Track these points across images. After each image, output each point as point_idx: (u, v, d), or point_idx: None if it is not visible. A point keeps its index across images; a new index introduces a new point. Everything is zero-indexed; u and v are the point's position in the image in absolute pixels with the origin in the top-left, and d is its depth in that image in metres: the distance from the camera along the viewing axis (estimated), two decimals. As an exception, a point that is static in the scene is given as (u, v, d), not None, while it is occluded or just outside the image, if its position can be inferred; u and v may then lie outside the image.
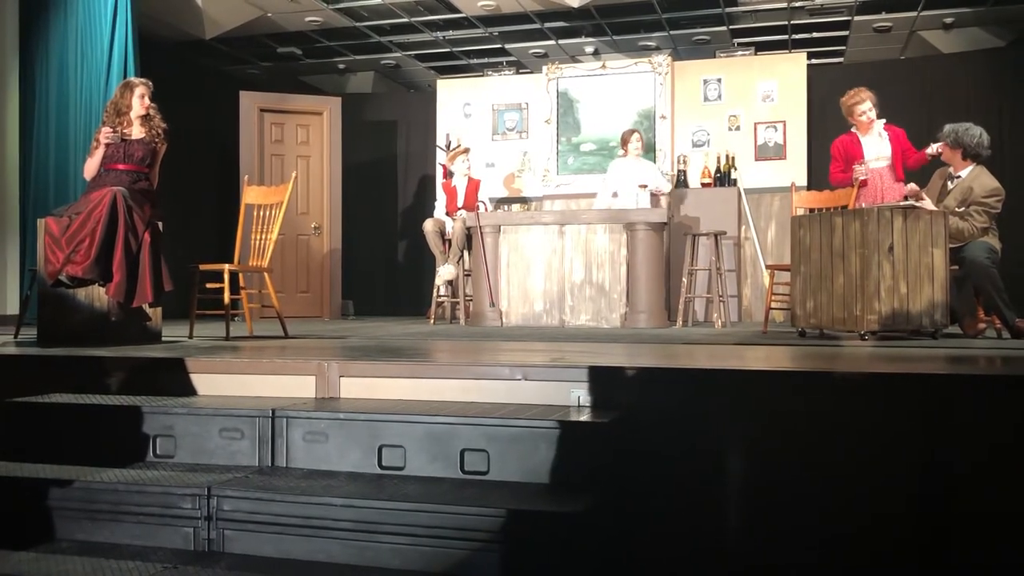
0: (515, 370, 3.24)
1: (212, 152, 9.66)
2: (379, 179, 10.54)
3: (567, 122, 9.05)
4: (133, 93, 5.04)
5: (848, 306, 4.94)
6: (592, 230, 7.07)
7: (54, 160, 6.82)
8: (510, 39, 9.38)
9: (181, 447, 3.16)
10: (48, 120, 6.90)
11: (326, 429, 3.04)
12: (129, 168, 4.91)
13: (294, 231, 9.06)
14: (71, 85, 6.83)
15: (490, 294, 7.20)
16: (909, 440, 2.77)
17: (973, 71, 8.86)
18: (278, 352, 4.11)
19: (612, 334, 5.98)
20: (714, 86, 8.77)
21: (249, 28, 8.81)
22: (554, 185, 9.05)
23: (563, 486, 2.77)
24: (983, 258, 5.07)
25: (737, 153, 8.57)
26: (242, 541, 2.73)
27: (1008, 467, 2.68)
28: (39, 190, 6.84)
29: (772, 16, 8.59)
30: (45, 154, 6.86)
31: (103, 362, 3.74)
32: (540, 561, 2.48)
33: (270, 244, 5.69)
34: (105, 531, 2.83)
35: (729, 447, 2.91)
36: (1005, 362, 3.65)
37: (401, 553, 2.58)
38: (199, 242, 8.83)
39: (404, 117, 10.69)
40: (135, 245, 4.64)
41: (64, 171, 6.77)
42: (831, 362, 3.57)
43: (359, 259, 10.28)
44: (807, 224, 5.40)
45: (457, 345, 4.89)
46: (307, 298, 9.27)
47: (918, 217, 4.88)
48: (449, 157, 8.18)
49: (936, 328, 4.92)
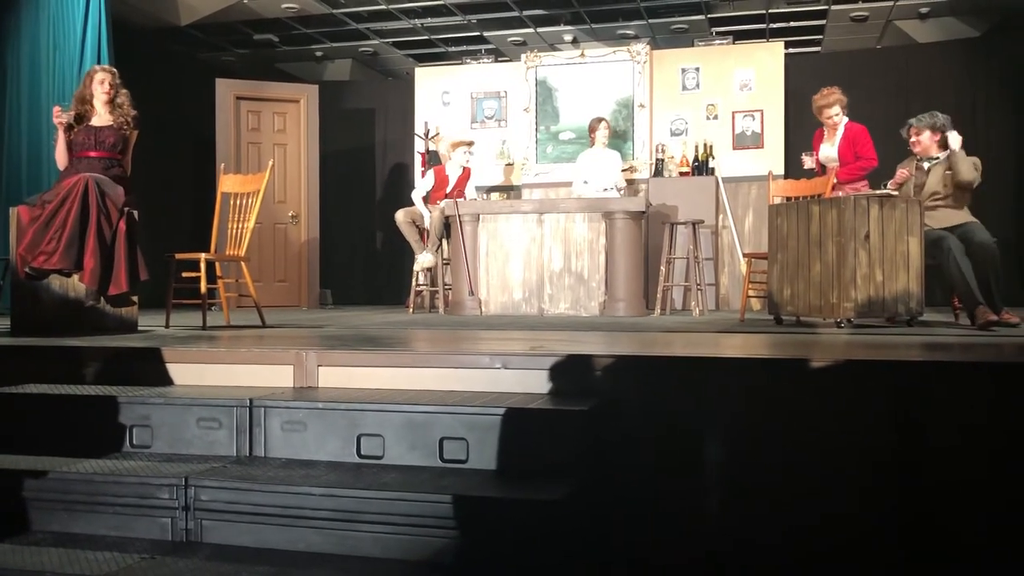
0: (495, 359, 3.25)
1: (188, 140, 9.57)
2: (357, 167, 10.50)
3: (546, 111, 9.04)
4: (93, 79, 5.00)
5: (825, 294, 4.98)
6: (571, 219, 7.07)
7: (27, 149, 6.74)
8: (489, 27, 9.35)
9: (158, 437, 3.14)
10: (20, 108, 6.82)
11: (304, 419, 3.03)
12: (101, 155, 4.87)
13: (271, 220, 9.00)
14: (44, 73, 6.74)
15: (469, 283, 7.19)
16: (885, 425, 2.80)
17: (948, 61, 8.93)
18: (256, 341, 4.09)
19: (591, 322, 6.00)
20: (692, 75, 8.79)
21: (225, 15, 8.73)
22: (533, 174, 9.04)
23: (542, 474, 2.78)
24: (992, 240, 5.05)
25: (715, 142, 8.60)
26: (220, 531, 2.72)
27: (982, 451, 2.71)
28: (11, 179, 6.76)
29: (750, 5, 8.61)
30: (17, 143, 6.78)
31: (79, 352, 3.70)
32: (520, 548, 2.49)
33: (247, 233, 5.65)
34: (81, 522, 2.81)
35: (707, 434, 2.93)
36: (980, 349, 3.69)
37: (380, 542, 2.58)
38: (175, 231, 8.76)
39: (382, 105, 10.64)
40: (109, 231, 4.59)
41: (37, 160, 6.69)
42: (808, 349, 3.60)
43: (337, 248, 10.24)
44: (784, 212, 5.43)
45: (436, 334, 4.88)
46: (285, 287, 9.22)
47: (894, 206, 4.92)
48: (452, 144, 8.08)
49: (911, 315, 4.97)
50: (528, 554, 2.48)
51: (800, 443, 2.85)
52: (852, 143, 6.04)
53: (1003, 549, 2.66)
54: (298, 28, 9.28)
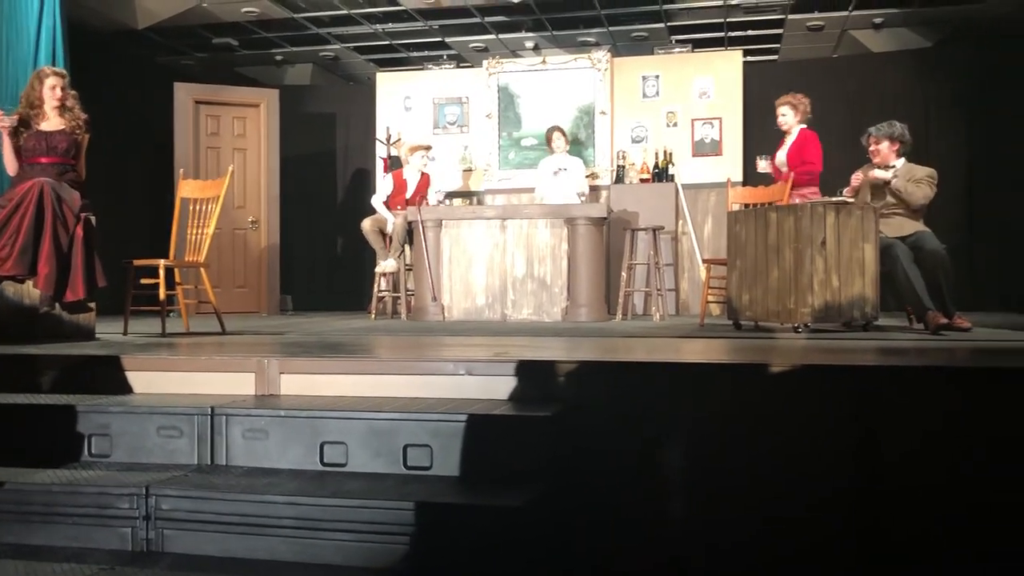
0: (458, 365, 3.25)
1: (146, 145, 9.43)
2: (318, 172, 10.43)
3: (508, 117, 9.07)
4: (44, 84, 4.88)
5: (782, 299, 5.06)
6: (533, 225, 7.10)
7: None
8: (450, 32, 9.36)
9: (117, 446, 3.10)
10: (-31, 110, 6.68)
11: (266, 426, 3.01)
12: (53, 160, 4.78)
13: (231, 225, 8.92)
14: (-4, 76, 6.61)
15: (432, 288, 7.19)
16: (843, 429, 2.86)
17: (901, 70, 9.11)
18: (216, 349, 4.06)
19: (554, 328, 6.02)
20: (652, 83, 8.87)
21: (184, 18, 8.63)
22: (496, 180, 9.06)
23: (506, 480, 2.79)
24: (941, 247, 5.16)
25: (674, 149, 8.69)
26: (182, 541, 2.70)
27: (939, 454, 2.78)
28: (-37, 183, 6.61)
29: (708, 14, 8.71)
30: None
31: (35, 360, 3.64)
32: (483, 555, 2.50)
33: (206, 239, 5.60)
34: (39, 533, 2.76)
35: (670, 438, 2.97)
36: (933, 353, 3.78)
37: (344, 549, 2.58)
38: (132, 237, 8.62)
39: (343, 110, 10.58)
40: (65, 237, 4.53)
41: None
42: (767, 354, 3.66)
43: (297, 253, 10.17)
44: (743, 219, 5.51)
45: (399, 340, 4.88)
46: (244, 293, 9.14)
47: (850, 213, 5.02)
48: (409, 148, 8.08)
49: (867, 320, 5.07)
50: (491, 561, 2.50)
51: (761, 447, 2.90)
52: (799, 148, 6.16)
53: (962, 551, 2.72)
54: (258, 32, 9.21)
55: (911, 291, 5.06)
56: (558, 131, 7.97)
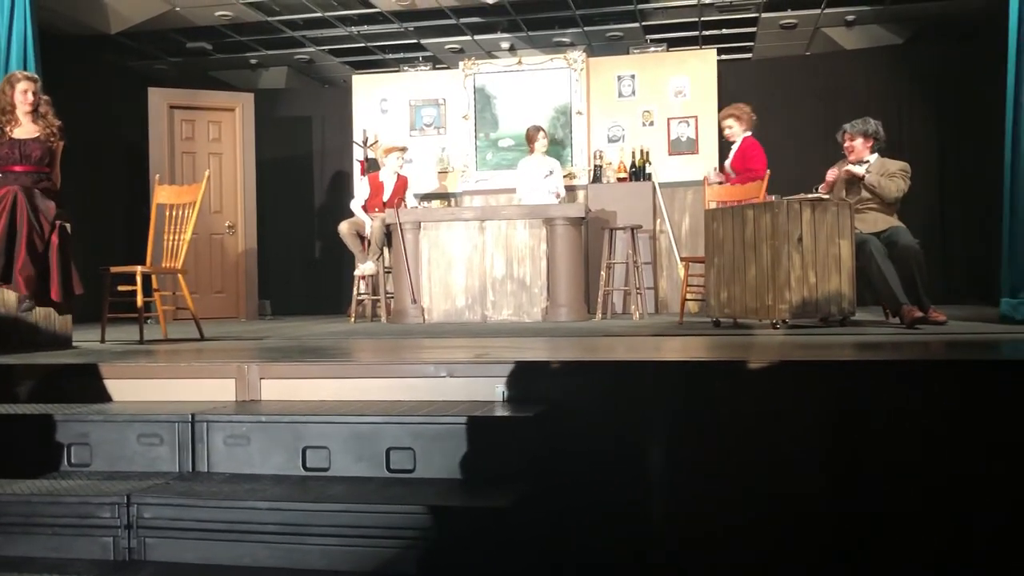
0: (440, 367, 3.26)
1: (120, 151, 9.37)
2: (295, 176, 10.38)
3: (485, 118, 9.07)
4: (15, 88, 4.78)
5: (760, 296, 5.10)
6: (512, 226, 7.11)
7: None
8: (426, 34, 9.35)
9: (97, 455, 3.07)
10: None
11: (248, 432, 3.00)
12: (27, 169, 4.72)
13: (208, 230, 8.86)
14: (-35, 82, 6.52)
15: (412, 291, 7.18)
16: (822, 424, 2.89)
17: (873, 67, 9.21)
18: (195, 355, 4.03)
19: (534, 328, 6.04)
20: (628, 82, 8.90)
21: (157, 23, 8.56)
22: (473, 181, 9.06)
23: (489, 481, 2.80)
24: (915, 242, 5.23)
25: (651, 148, 8.72)
26: (164, 549, 2.68)
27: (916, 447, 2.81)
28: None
29: (683, 13, 8.75)
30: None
31: (11, 370, 3.61)
32: (468, 557, 2.51)
33: (183, 245, 5.56)
34: (19, 545, 2.73)
35: (651, 436, 2.98)
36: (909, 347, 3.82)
37: (328, 554, 2.57)
38: (108, 244, 8.56)
39: (319, 113, 10.54)
40: (40, 245, 4.49)
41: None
42: (745, 351, 3.69)
43: (275, 258, 10.12)
44: (720, 217, 5.54)
45: (380, 343, 4.87)
46: (223, 299, 9.09)
47: (825, 209, 5.06)
48: (384, 150, 8.07)
49: (844, 315, 5.11)
50: (477, 562, 2.50)
51: (741, 442, 2.92)
52: (742, 156, 6.30)
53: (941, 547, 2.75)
54: (232, 36, 9.16)
55: (885, 287, 5.12)
56: (542, 131, 7.97)
